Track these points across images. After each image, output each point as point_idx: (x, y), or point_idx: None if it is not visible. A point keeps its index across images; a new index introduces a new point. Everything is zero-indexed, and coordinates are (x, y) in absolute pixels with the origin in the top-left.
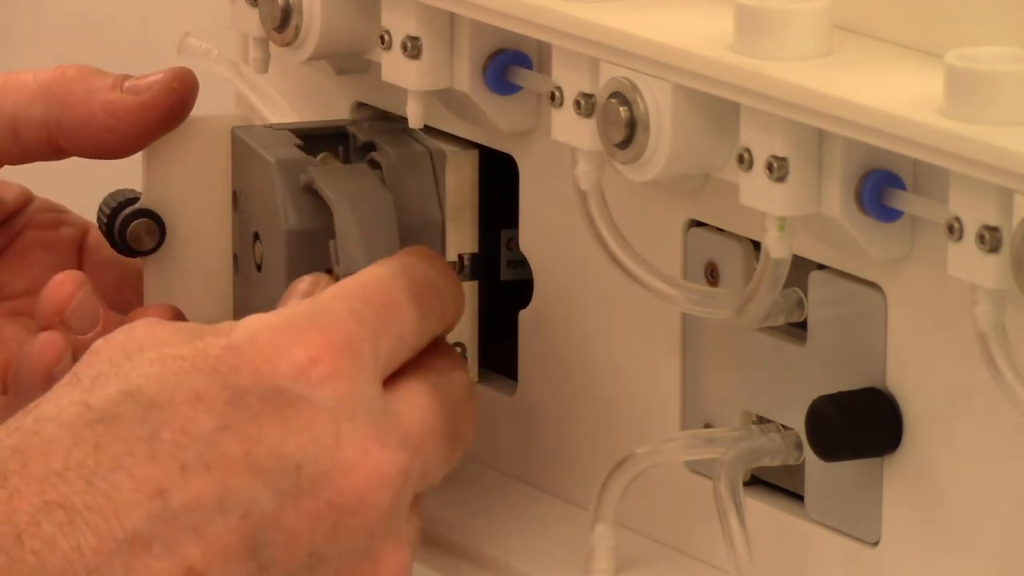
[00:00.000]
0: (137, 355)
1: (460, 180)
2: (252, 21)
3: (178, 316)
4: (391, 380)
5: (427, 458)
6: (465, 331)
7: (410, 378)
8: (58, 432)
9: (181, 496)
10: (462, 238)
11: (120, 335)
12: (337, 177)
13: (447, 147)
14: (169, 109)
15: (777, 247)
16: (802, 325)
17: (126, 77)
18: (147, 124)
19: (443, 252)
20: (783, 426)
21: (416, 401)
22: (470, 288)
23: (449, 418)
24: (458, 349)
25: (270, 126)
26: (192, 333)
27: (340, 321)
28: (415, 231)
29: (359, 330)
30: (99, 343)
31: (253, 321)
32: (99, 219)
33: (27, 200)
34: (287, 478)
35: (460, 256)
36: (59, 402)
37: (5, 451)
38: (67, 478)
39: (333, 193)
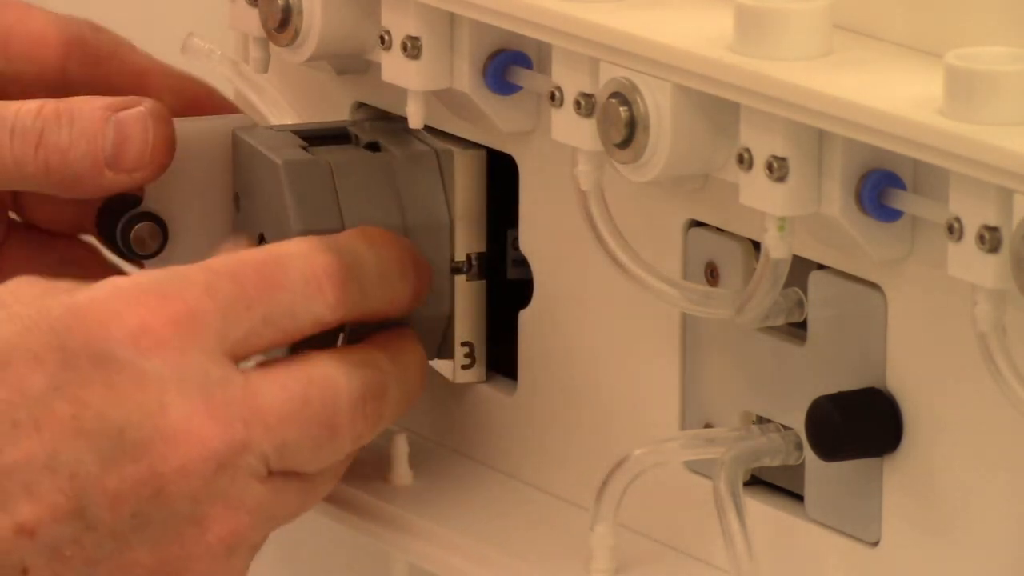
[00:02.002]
0: None
1: (468, 180)
2: (252, 21)
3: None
4: (281, 361)
5: (285, 441)
6: (473, 331)
7: (297, 363)
8: None
9: (13, 454)
10: (470, 238)
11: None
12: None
13: (455, 147)
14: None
15: (777, 247)
16: (802, 325)
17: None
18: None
19: (451, 252)
20: (783, 426)
21: (286, 385)
22: (478, 288)
23: (324, 409)
24: (466, 348)
25: (271, 127)
26: (53, 291)
27: (188, 291)
28: (423, 231)
29: (208, 302)
30: None
31: (105, 282)
32: (100, 222)
33: None
34: (110, 443)
35: (468, 256)
36: None
37: None
38: None
39: (273, 155)
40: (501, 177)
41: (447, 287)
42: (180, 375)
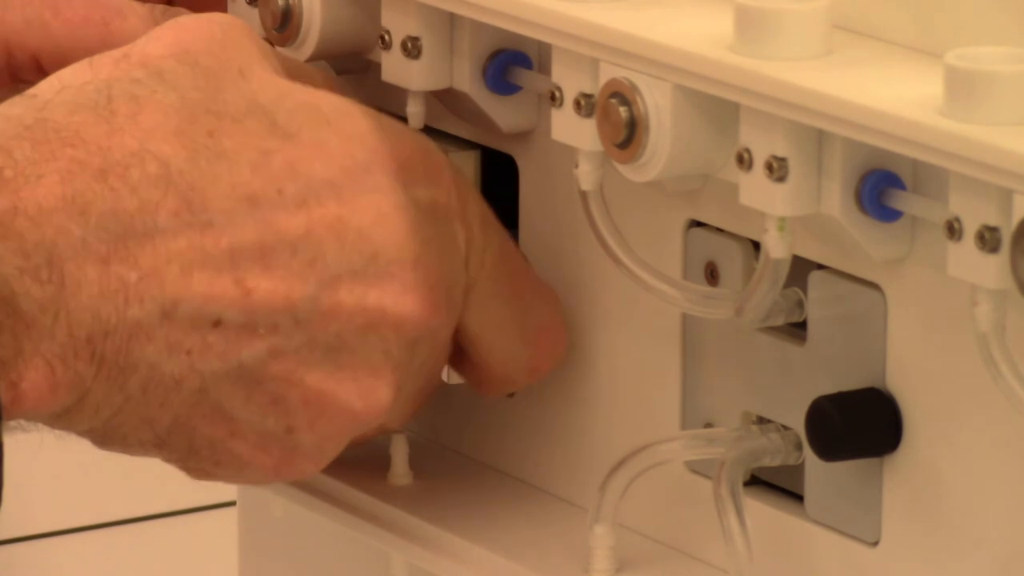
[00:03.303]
0: (249, 72)
1: None
2: (252, 21)
3: None
4: None
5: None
6: None
7: None
8: (179, 105)
9: (268, 217)
10: None
11: (216, 29)
12: None
13: (447, 147)
14: None
15: (777, 247)
16: (802, 325)
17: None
18: None
19: None
20: (783, 426)
21: None
22: None
23: None
24: None
25: None
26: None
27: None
28: None
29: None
30: (192, 27)
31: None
32: None
33: None
34: (360, 258)
35: None
36: (178, 81)
37: (124, 94)
38: (175, 141)
39: None
40: (496, 178)
41: None
42: (443, 241)
